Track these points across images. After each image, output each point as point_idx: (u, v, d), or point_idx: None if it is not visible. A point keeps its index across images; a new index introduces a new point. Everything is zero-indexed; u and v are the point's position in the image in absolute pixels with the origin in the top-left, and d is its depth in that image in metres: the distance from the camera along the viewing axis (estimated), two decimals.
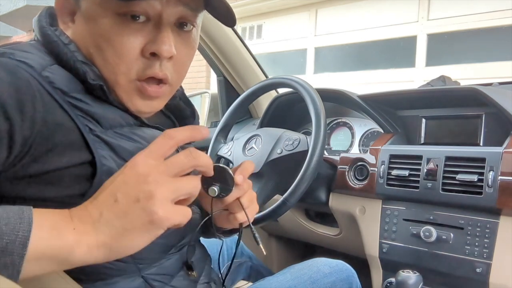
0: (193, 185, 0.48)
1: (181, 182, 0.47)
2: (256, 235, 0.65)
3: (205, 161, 0.50)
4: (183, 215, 0.47)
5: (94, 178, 0.57)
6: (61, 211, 0.46)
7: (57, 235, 0.43)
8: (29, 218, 0.42)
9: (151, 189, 0.45)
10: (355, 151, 1.43)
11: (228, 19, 0.65)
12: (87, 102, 0.59)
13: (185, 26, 0.63)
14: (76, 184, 0.56)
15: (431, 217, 1.07)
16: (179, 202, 0.48)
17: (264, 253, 0.66)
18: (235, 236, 0.75)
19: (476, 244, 0.99)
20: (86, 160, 0.57)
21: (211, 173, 0.52)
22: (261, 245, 0.65)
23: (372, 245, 1.17)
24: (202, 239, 0.81)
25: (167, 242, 0.66)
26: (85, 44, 0.61)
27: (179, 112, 0.78)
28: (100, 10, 0.59)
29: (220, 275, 0.81)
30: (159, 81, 0.63)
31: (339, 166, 1.25)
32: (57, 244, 0.43)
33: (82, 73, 0.59)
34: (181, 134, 0.49)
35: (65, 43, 0.60)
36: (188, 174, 0.49)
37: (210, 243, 0.86)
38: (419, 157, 1.09)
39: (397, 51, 5.17)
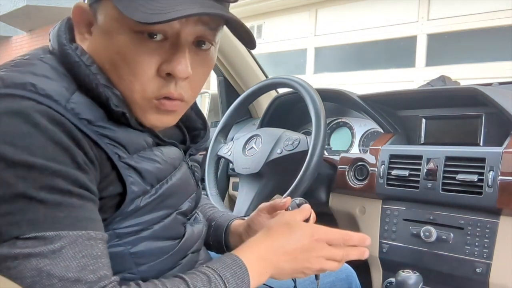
0: (335, 267, 0.68)
1: (332, 264, 0.67)
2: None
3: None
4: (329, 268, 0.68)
5: (120, 206, 0.57)
6: (257, 262, 0.62)
7: (258, 278, 0.62)
8: (248, 274, 0.60)
9: (318, 263, 0.65)
10: (355, 151, 1.43)
11: (247, 41, 0.65)
12: (112, 129, 0.57)
13: (203, 45, 0.61)
14: (102, 213, 0.56)
15: (431, 217, 1.07)
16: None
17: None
18: None
19: (476, 244, 0.99)
20: (117, 192, 0.57)
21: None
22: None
23: (372, 245, 1.17)
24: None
25: (176, 255, 0.67)
26: (100, 58, 0.59)
27: (190, 122, 0.77)
28: (117, 26, 0.57)
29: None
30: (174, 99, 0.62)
31: (339, 166, 1.25)
32: (256, 282, 0.62)
33: (105, 98, 0.57)
34: (353, 241, 0.67)
35: (87, 65, 0.58)
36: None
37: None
38: (419, 157, 1.09)
39: (397, 51, 5.17)
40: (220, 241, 0.85)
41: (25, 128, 0.49)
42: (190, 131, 0.78)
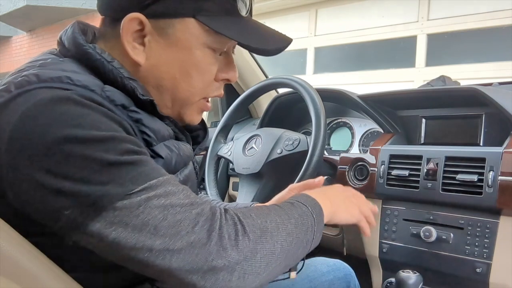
0: (368, 208, 0.82)
1: (367, 205, 0.83)
2: None
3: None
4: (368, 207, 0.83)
5: None
6: (316, 196, 0.70)
7: (330, 216, 0.72)
8: (317, 202, 0.69)
9: (357, 202, 0.80)
10: (355, 151, 1.43)
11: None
12: (143, 115, 0.62)
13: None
14: None
15: (431, 217, 1.07)
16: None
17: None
18: None
19: (476, 244, 0.99)
20: None
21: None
22: None
23: (372, 245, 1.17)
24: None
25: None
26: (167, 68, 0.65)
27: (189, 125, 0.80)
28: (196, 42, 0.64)
29: None
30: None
31: (339, 166, 1.25)
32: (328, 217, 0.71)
33: (131, 89, 0.61)
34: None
35: (108, 61, 0.61)
36: None
37: None
38: (419, 157, 1.09)
39: (397, 51, 5.17)
40: None
41: (79, 110, 0.53)
42: (188, 132, 0.79)
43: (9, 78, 0.57)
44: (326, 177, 0.87)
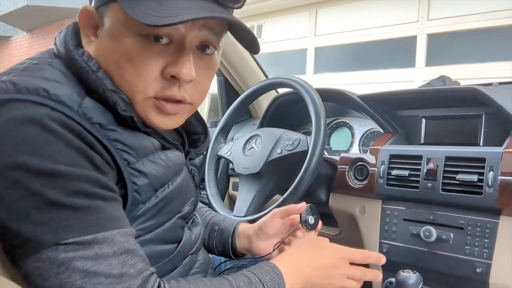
0: (354, 286, 0.72)
1: (352, 283, 0.71)
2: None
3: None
4: None
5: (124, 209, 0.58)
6: (291, 273, 0.66)
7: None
8: (284, 281, 0.64)
9: (340, 281, 0.70)
10: (355, 151, 1.43)
11: (251, 45, 0.66)
12: (123, 132, 0.58)
13: (207, 49, 0.63)
14: None
15: (431, 217, 1.07)
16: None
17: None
18: None
19: (476, 244, 0.99)
20: (122, 195, 0.58)
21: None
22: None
23: (372, 245, 1.17)
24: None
25: (175, 259, 0.68)
26: (106, 61, 0.60)
27: (189, 127, 0.78)
28: (124, 29, 0.58)
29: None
30: (177, 101, 0.62)
31: (339, 166, 1.25)
32: None
33: (112, 103, 0.58)
34: (371, 259, 0.75)
35: (93, 70, 0.59)
36: None
37: None
38: (419, 157, 1.09)
39: (397, 51, 5.18)
40: (225, 244, 0.87)
41: (44, 136, 0.50)
42: (189, 135, 0.78)
43: None
44: (309, 204, 0.83)
